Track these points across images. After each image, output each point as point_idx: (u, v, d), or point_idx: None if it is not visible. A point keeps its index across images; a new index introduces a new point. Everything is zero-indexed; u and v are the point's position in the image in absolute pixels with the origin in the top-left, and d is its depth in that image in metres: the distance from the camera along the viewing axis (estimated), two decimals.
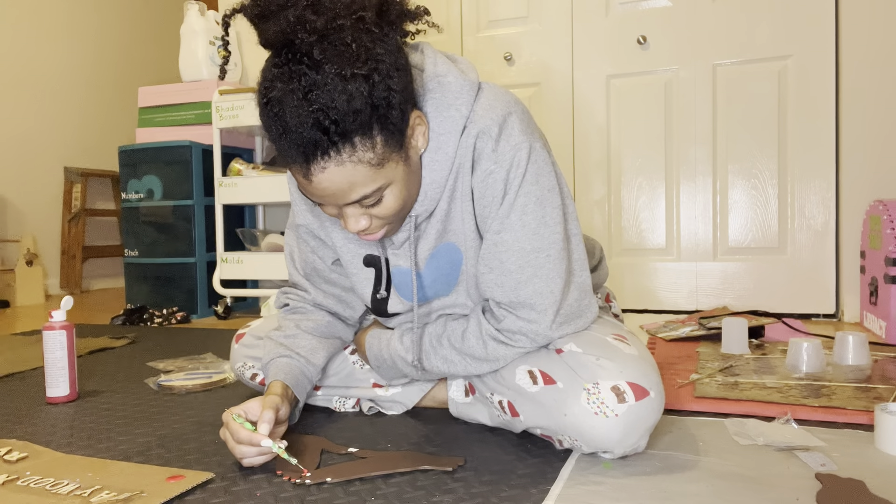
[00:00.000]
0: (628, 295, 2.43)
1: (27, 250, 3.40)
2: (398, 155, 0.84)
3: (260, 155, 2.91)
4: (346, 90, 0.76)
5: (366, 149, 0.79)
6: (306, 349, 1.07)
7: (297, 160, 0.79)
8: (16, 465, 0.94)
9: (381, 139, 0.80)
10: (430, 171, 0.92)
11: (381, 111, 0.78)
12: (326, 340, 1.12)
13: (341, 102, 0.75)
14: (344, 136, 0.77)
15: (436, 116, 0.90)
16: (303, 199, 1.06)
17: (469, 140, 0.91)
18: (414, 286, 0.99)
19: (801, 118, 2.17)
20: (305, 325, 1.10)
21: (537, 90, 2.51)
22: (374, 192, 0.83)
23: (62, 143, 3.93)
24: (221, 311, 2.57)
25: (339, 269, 1.11)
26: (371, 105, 0.77)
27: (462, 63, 0.96)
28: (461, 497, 0.81)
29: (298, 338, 1.08)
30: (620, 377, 0.86)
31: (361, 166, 0.79)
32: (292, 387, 1.02)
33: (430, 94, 0.90)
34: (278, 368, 1.04)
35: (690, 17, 2.29)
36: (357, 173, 0.80)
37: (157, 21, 4.61)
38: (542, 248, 0.91)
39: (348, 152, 0.78)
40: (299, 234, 1.10)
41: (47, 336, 1.30)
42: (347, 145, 0.78)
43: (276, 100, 0.77)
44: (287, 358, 1.05)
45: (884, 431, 0.93)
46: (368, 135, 0.79)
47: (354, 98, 0.76)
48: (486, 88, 0.94)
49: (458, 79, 0.92)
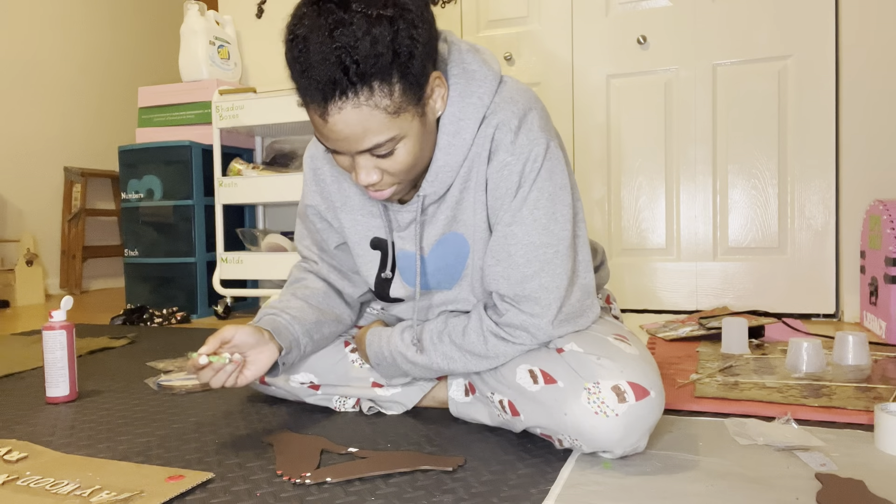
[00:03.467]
0: (628, 295, 2.43)
1: (27, 250, 3.40)
2: (415, 109, 0.84)
3: (260, 155, 2.90)
4: (370, 32, 0.77)
5: (383, 94, 0.80)
6: (295, 309, 1.09)
7: (315, 98, 0.81)
8: (16, 465, 0.94)
9: (400, 88, 0.81)
10: (444, 154, 0.93)
11: (402, 59, 0.80)
12: (319, 309, 1.13)
13: (364, 43, 0.77)
14: (363, 77, 0.78)
15: (458, 101, 0.92)
16: (315, 180, 1.07)
17: (488, 130, 0.92)
18: (417, 267, 1.00)
19: (801, 118, 2.17)
20: (301, 292, 1.13)
21: (538, 90, 2.51)
22: (387, 141, 0.83)
23: (62, 143, 3.93)
24: (221, 311, 2.57)
25: (342, 253, 1.13)
26: (393, 51, 0.79)
27: (485, 53, 0.97)
28: (461, 497, 0.81)
29: (288, 301, 1.11)
30: (621, 377, 0.86)
31: (377, 112, 0.81)
32: (272, 331, 1.03)
33: (454, 78, 0.92)
34: (261, 322, 1.06)
35: (690, 17, 2.29)
36: (372, 118, 0.81)
37: (157, 21, 4.61)
38: (550, 244, 0.92)
39: (366, 95, 0.79)
40: (307, 216, 1.12)
41: (47, 336, 1.30)
42: (366, 88, 0.79)
43: (302, 37, 0.79)
44: (271, 315, 1.07)
45: (884, 431, 0.93)
46: (388, 81, 0.80)
47: (378, 41, 0.77)
48: (509, 82, 0.96)
49: (481, 67, 0.93)
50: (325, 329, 1.13)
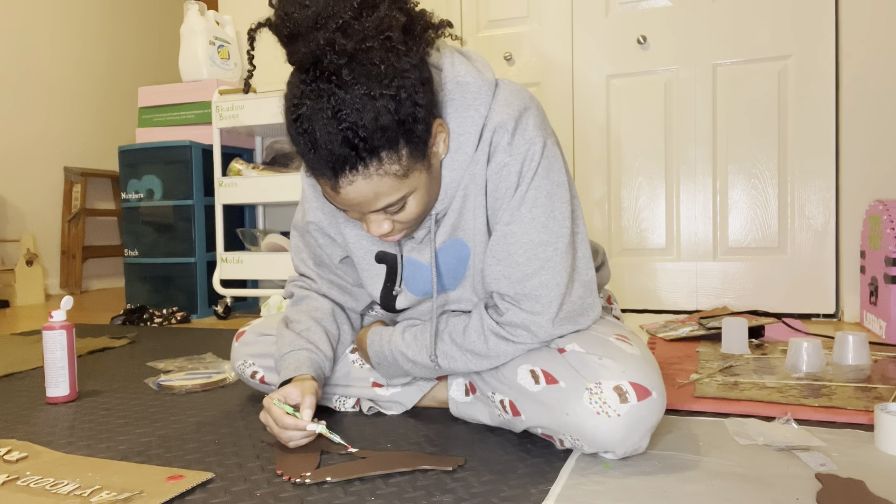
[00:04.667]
0: (628, 295, 2.43)
1: (27, 250, 3.40)
2: (422, 164, 0.86)
3: (260, 155, 2.90)
4: (374, 108, 0.77)
5: (392, 161, 0.81)
6: (323, 343, 1.11)
7: (325, 174, 0.82)
8: (16, 465, 0.94)
9: (407, 152, 0.82)
10: (450, 171, 0.94)
11: (407, 126, 0.80)
12: (333, 331, 1.15)
13: (369, 120, 0.77)
14: (372, 151, 0.79)
15: (455, 118, 0.92)
16: (315, 197, 1.07)
17: (486, 135, 0.93)
18: (434, 279, 1.01)
19: (801, 118, 2.17)
20: (316, 314, 1.14)
21: (537, 90, 2.51)
22: (398, 200, 0.85)
23: (62, 143, 3.93)
24: (221, 311, 2.57)
25: (344, 267, 1.12)
26: (398, 121, 0.79)
27: (478, 61, 0.97)
28: (461, 497, 0.81)
29: (312, 332, 1.11)
30: (623, 377, 0.86)
31: (388, 178, 0.82)
32: (316, 376, 1.06)
33: (450, 94, 0.92)
34: (300, 361, 1.06)
35: (690, 17, 2.29)
36: (383, 185, 0.82)
37: (157, 21, 4.61)
38: (549, 242, 0.92)
39: (375, 166, 0.80)
40: (308, 231, 1.11)
41: (47, 336, 1.30)
42: (375, 160, 0.80)
43: (306, 117, 0.79)
44: (307, 351, 1.08)
45: (884, 431, 0.93)
46: (395, 148, 0.80)
47: (382, 116, 0.78)
48: (503, 86, 0.95)
49: (476, 79, 0.93)
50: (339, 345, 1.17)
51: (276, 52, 0.83)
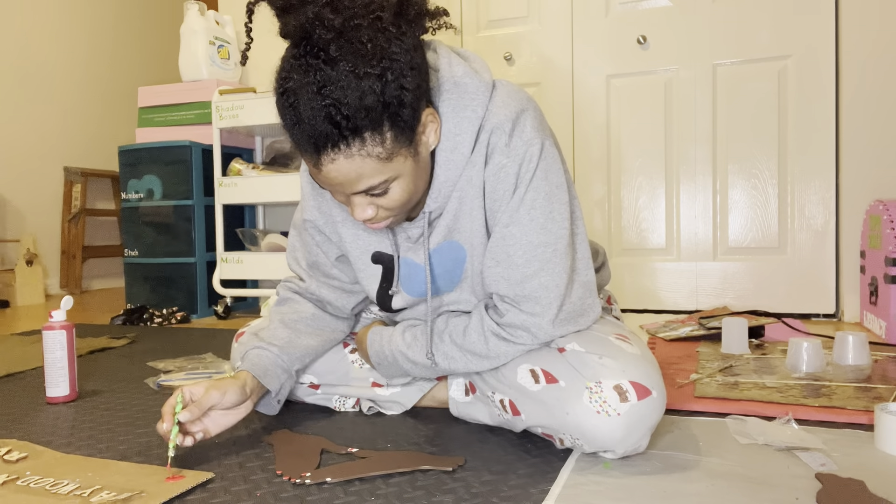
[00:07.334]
0: (628, 295, 2.43)
1: (27, 250, 3.40)
2: (407, 150, 0.85)
3: (260, 155, 2.90)
4: (359, 87, 0.77)
5: (375, 143, 0.80)
6: (282, 339, 1.09)
7: (308, 150, 0.81)
8: (16, 465, 0.94)
9: (391, 135, 0.81)
10: (444, 171, 0.93)
11: (392, 109, 0.80)
12: (309, 332, 1.13)
13: (353, 99, 0.77)
14: (354, 130, 0.79)
15: (452, 118, 0.92)
16: (313, 195, 1.07)
17: (483, 136, 0.92)
18: (428, 280, 1.00)
19: (801, 118, 2.17)
20: (289, 317, 1.13)
21: (537, 90, 2.51)
22: (380, 183, 0.84)
23: (62, 143, 3.93)
24: (221, 311, 2.57)
25: (340, 266, 1.12)
26: (382, 103, 0.79)
27: (475, 62, 0.97)
28: (461, 497, 0.81)
29: (275, 329, 1.11)
30: (623, 376, 0.86)
31: (370, 159, 0.81)
32: (259, 377, 1.04)
33: (447, 94, 0.92)
34: (247, 360, 1.06)
35: (690, 17, 2.29)
36: (365, 166, 0.81)
37: (157, 21, 4.61)
38: (548, 243, 0.92)
39: (358, 146, 0.80)
40: (305, 229, 1.11)
41: (47, 336, 1.30)
42: (357, 139, 0.79)
43: (292, 91, 0.79)
44: (258, 349, 1.08)
45: (884, 431, 0.93)
46: (378, 130, 0.80)
47: (366, 95, 0.77)
48: (500, 87, 0.95)
49: (473, 80, 0.93)
50: (319, 345, 1.15)
51: (276, 53, 0.83)
